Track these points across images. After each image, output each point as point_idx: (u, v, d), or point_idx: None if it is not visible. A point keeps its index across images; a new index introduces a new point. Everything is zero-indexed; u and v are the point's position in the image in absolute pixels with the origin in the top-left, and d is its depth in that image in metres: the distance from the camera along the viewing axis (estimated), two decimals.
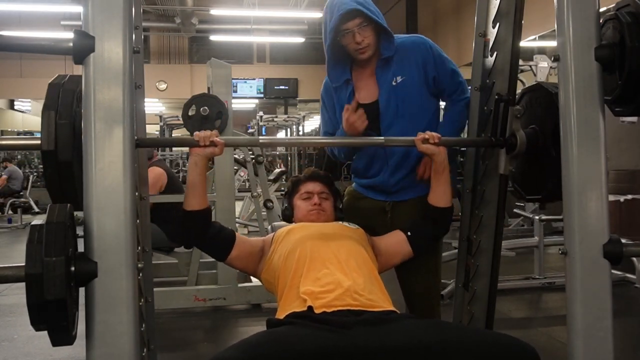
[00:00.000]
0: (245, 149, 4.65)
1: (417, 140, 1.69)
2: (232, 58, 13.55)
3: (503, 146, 1.77)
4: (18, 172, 9.81)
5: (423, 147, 1.69)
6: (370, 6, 1.80)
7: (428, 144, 1.68)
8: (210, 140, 1.57)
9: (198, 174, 1.60)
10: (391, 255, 1.79)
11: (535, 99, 1.76)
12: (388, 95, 1.85)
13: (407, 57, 1.85)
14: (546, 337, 3.12)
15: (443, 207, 1.79)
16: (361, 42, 1.80)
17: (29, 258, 1.10)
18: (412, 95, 1.85)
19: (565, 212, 1.39)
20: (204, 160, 1.60)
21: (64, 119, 1.28)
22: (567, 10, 1.37)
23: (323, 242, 1.64)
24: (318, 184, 1.90)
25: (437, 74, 1.87)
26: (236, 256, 1.71)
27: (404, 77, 1.84)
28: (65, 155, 1.27)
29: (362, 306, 1.44)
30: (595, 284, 1.35)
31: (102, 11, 1.23)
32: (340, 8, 1.77)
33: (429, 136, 1.69)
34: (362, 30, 1.79)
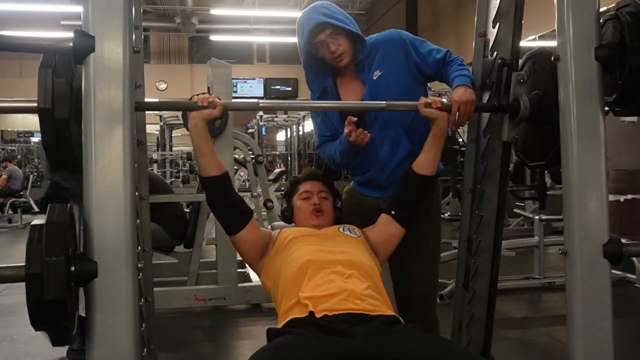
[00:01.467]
0: (245, 148, 4.65)
1: (420, 104, 1.70)
2: (232, 58, 13.54)
3: (506, 111, 1.74)
4: (18, 172, 9.82)
5: (426, 111, 1.70)
6: (337, 15, 1.83)
7: (431, 108, 1.70)
8: (208, 102, 1.56)
9: (199, 136, 1.60)
10: (386, 242, 1.78)
11: (538, 64, 1.73)
12: (370, 90, 1.88)
13: (383, 51, 1.88)
14: (546, 337, 3.13)
15: (428, 176, 1.78)
16: (336, 51, 1.84)
17: (29, 258, 1.10)
18: (394, 85, 1.86)
19: (565, 212, 1.39)
20: (203, 122, 1.59)
21: (60, 76, 1.27)
22: (567, 10, 1.37)
23: (325, 253, 1.62)
24: (317, 184, 1.89)
25: (417, 58, 1.87)
26: (245, 237, 1.70)
27: (382, 70, 1.87)
28: (62, 113, 1.27)
29: (364, 310, 1.43)
30: (595, 284, 1.36)
31: (102, 11, 1.23)
32: (308, 23, 1.82)
33: (432, 101, 1.71)
34: (334, 40, 1.83)
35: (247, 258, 1.76)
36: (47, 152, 1.34)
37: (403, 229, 1.79)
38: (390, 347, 1.30)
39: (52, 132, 1.28)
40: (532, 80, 1.73)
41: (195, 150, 1.64)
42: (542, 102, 1.66)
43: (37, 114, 1.28)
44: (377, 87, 1.87)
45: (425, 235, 1.96)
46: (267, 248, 1.73)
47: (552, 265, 4.35)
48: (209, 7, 12.41)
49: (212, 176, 1.64)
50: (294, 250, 1.66)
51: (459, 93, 1.73)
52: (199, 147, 1.62)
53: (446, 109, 1.71)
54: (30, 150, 15.49)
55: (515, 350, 2.94)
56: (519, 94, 1.69)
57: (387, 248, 1.79)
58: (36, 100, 1.27)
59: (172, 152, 11.91)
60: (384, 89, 1.86)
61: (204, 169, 1.64)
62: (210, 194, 1.69)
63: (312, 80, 1.96)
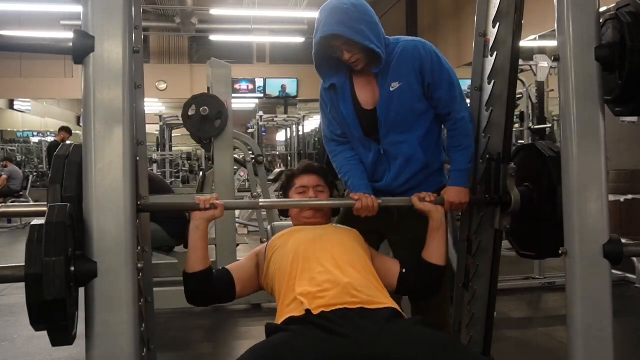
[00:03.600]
0: (245, 148, 4.65)
1: (414, 199, 1.75)
2: (232, 58, 13.53)
3: (498, 204, 1.80)
4: (18, 172, 9.81)
5: (420, 205, 1.74)
6: (355, 24, 1.72)
7: (425, 202, 1.74)
8: (210, 203, 1.62)
9: (200, 237, 1.65)
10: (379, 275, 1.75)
11: (528, 157, 1.79)
12: (385, 102, 1.82)
13: (405, 62, 1.79)
14: (546, 337, 3.12)
15: (434, 264, 1.75)
16: (350, 59, 1.78)
17: (28, 258, 1.10)
18: (409, 100, 1.81)
19: (565, 212, 1.40)
20: (205, 223, 1.65)
21: (69, 192, 1.32)
22: (567, 10, 1.37)
23: (316, 241, 1.65)
24: (313, 177, 1.90)
25: (432, 82, 1.79)
26: (241, 290, 1.72)
27: (401, 83, 1.79)
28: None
29: (361, 303, 1.43)
30: (595, 284, 1.36)
31: (102, 11, 1.23)
32: (323, 29, 1.74)
33: (425, 195, 1.75)
34: (348, 48, 1.76)
35: (255, 291, 1.77)
36: None
37: (395, 288, 1.74)
38: (389, 345, 1.30)
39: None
40: (523, 171, 1.78)
41: (190, 247, 1.66)
42: (533, 196, 1.73)
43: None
44: (391, 100, 1.81)
45: None
46: (258, 266, 1.76)
47: (552, 265, 4.34)
48: (209, 7, 12.39)
49: (198, 271, 1.64)
50: (285, 243, 1.68)
51: (452, 194, 1.79)
52: (195, 246, 1.65)
53: (440, 203, 1.77)
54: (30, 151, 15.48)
55: (515, 350, 2.94)
56: (510, 187, 1.75)
57: None
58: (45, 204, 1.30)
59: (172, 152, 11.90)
60: (398, 103, 1.80)
61: (192, 265, 1.65)
62: (193, 288, 1.66)
63: (321, 72, 1.89)
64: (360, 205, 1.75)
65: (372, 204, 1.75)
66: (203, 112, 3.32)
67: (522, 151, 1.85)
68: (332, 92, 1.90)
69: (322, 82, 1.93)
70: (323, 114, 2.00)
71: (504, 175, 1.76)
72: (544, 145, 1.73)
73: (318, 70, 1.89)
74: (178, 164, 11.89)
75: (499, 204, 1.79)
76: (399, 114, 1.82)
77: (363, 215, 1.77)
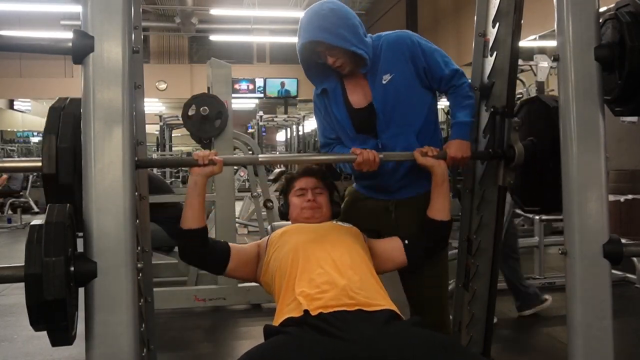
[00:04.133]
0: (245, 148, 4.65)
1: (416, 153, 1.74)
2: (232, 58, 13.53)
3: (501, 158, 1.78)
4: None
5: (422, 160, 1.73)
6: (338, 28, 1.73)
7: (427, 156, 1.73)
8: (209, 159, 1.60)
9: (198, 194, 1.64)
10: (384, 260, 1.77)
11: (533, 111, 1.77)
12: (380, 95, 1.83)
13: (393, 54, 1.82)
14: (546, 337, 3.12)
15: (440, 220, 1.77)
16: (334, 63, 1.80)
17: (28, 258, 1.10)
18: (404, 90, 1.82)
19: (565, 212, 1.39)
20: (204, 179, 1.64)
21: (64, 142, 1.30)
22: (567, 10, 1.37)
23: (316, 242, 1.64)
24: (312, 179, 1.90)
25: (426, 65, 1.82)
26: (234, 268, 1.72)
27: (392, 74, 1.81)
28: (66, 179, 1.29)
29: (359, 305, 1.43)
30: (595, 284, 1.35)
31: (101, 11, 1.23)
32: (303, 36, 1.76)
33: (427, 149, 1.73)
34: (331, 52, 1.78)
35: (248, 278, 1.78)
36: None
37: (406, 261, 1.78)
38: (387, 348, 1.30)
39: (56, 195, 1.30)
40: (527, 126, 1.76)
41: (186, 203, 1.65)
42: (537, 149, 1.71)
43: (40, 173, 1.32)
44: (386, 92, 1.82)
45: None
46: (259, 256, 1.75)
47: (552, 265, 4.34)
48: (209, 7, 12.39)
49: (193, 229, 1.65)
50: (286, 242, 1.68)
51: (454, 148, 1.77)
52: (191, 202, 1.64)
53: (442, 157, 1.75)
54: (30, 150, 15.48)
55: (515, 350, 2.94)
56: (514, 141, 1.73)
57: (381, 266, 1.77)
58: (41, 160, 1.30)
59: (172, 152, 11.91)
60: (393, 95, 1.82)
61: (187, 221, 1.65)
62: (186, 244, 1.68)
63: (312, 78, 1.93)
64: (362, 159, 1.72)
65: (372, 158, 1.72)
66: (203, 112, 3.32)
67: (526, 105, 1.82)
68: (324, 97, 1.92)
69: (314, 89, 1.96)
70: (317, 120, 2.02)
71: (508, 129, 1.74)
72: (547, 97, 1.72)
73: (308, 76, 1.92)
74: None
75: (502, 157, 1.77)
76: (396, 104, 1.82)
77: (365, 169, 1.73)
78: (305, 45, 1.78)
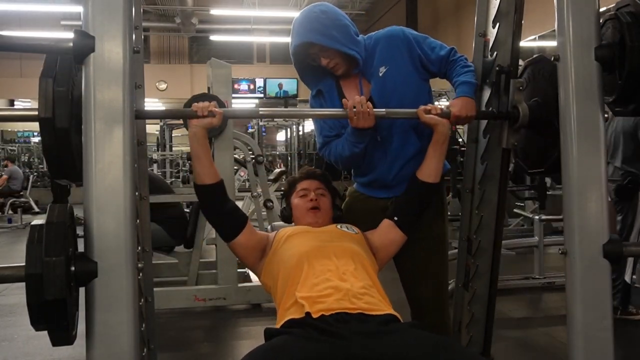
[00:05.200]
0: (245, 148, 4.65)
1: (420, 111, 1.70)
2: (232, 58, 13.53)
3: (505, 118, 1.75)
4: (18, 172, 9.80)
5: (426, 117, 1.70)
6: (329, 30, 1.75)
7: (431, 114, 1.70)
8: (208, 110, 1.58)
9: (199, 144, 1.62)
10: (386, 246, 1.77)
11: (537, 71, 1.73)
12: (378, 87, 1.84)
13: (388, 48, 1.84)
14: (546, 337, 3.13)
15: (432, 183, 1.77)
16: (328, 64, 1.81)
17: (29, 258, 1.10)
18: (400, 81, 1.83)
19: (565, 212, 1.39)
20: (203, 130, 1.61)
21: (61, 86, 1.27)
22: (567, 10, 1.37)
23: (321, 249, 1.63)
24: (315, 182, 1.90)
25: (421, 53, 1.84)
26: (242, 243, 1.70)
27: (388, 66, 1.83)
28: (62, 123, 1.26)
29: (361, 309, 1.42)
30: (596, 284, 1.36)
31: (102, 11, 1.23)
32: (295, 39, 1.78)
33: (431, 107, 1.71)
34: (324, 54, 1.80)
35: (246, 261, 1.76)
36: (47, 161, 1.35)
37: (404, 235, 1.77)
38: (386, 348, 1.30)
39: (53, 141, 1.28)
40: (532, 87, 1.73)
41: (193, 157, 1.64)
42: (542, 109, 1.67)
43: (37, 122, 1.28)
44: (384, 84, 1.84)
45: (432, 237, 1.92)
46: (264, 250, 1.74)
47: (552, 265, 4.34)
48: (209, 7, 12.40)
49: (208, 184, 1.64)
50: (291, 247, 1.67)
51: (458, 106, 1.74)
52: (197, 155, 1.63)
53: (446, 115, 1.71)
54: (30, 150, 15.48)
55: (515, 350, 2.94)
56: (518, 101, 1.70)
57: (387, 253, 1.78)
58: (37, 108, 1.27)
59: (172, 152, 11.91)
60: (391, 85, 1.83)
61: (200, 177, 1.64)
62: (205, 202, 1.68)
63: (307, 82, 1.94)
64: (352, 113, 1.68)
65: (366, 110, 1.68)
66: None
67: (531, 66, 1.79)
68: (320, 98, 1.93)
69: (310, 92, 1.96)
70: (315, 122, 2.02)
71: (512, 90, 1.72)
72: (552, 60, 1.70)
73: (303, 79, 1.93)
74: (178, 163, 11.90)
75: (506, 118, 1.75)
76: (393, 93, 1.82)
77: (360, 125, 1.70)
78: (298, 47, 1.80)
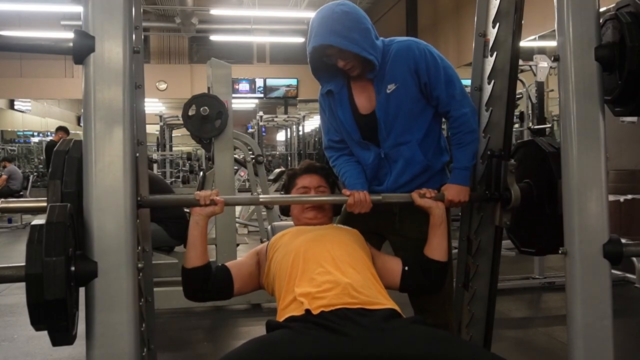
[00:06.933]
0: (245, 148, 4.65)
1: (414, 195, 1.75)
2: (232, 58, 13.53)
3: (498, 200, 1.80)
4: (17, 173, 9.81)
5: (420, 201, 1.74)
6: (348, 32, 1.71)
7: (425, 198, 1.74)
8: (210, 199, 1.62)
9: (199, 234, 1.65)
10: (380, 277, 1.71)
11: (529, 153, 1.79)
12: (383, 105, 1.81)
13: (399, 63, 1.78)
14: (546, 337, 3.13)
15: (437, 260, 1.75)
16: (344, 66, 1.78)
17: (29, 258, 1.10)
18: (407, 102, 1.80)
19: (565, 212, 1.40)
20: (205, 219, 1.65)
21: (69, 187, 1.31)
22: (567, 10, 1.37)
23: (316, 241, 1.64)
24: (315, 177, 1.89)
25: (428, 80, 1.77)
26: (240, 287, 1.71)
27: (397, 85, 1.78)
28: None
29: (361, 304, 1.43)
30: (595, 284, 1.36)
31: (102, 11, 1.23)
32: (315, 39, 1.74)
33: (425, 191, 1.75)
34: (342, 56, 1.76)
35: (254, 289, 1.77)
36: None
37: (399, 288, 1.75)
38: (388, 343, 1.30)
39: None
40: (523, 167, 1.78)
41: (189, 243, 1.66)
42: (533, 192, 1.73)
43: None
44: (388, 103, 1.80)
45: None
46: (259, 265, 1.75)
47: (552, 265, 4.35)
48: (209, 7, 12.40)
49: (197, 267, 1.64)
50: (285, 244, 1.68)
51: (452, 193, 1.78)
52: (194, 242, 1.64)
53: (440, 198, 1.76)
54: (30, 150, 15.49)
55: (515, 350, 2.94)
56: (510, 183, 1.75)
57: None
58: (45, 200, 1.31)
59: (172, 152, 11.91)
60: (395, 105, 1.80)
61: (191, 261, 1.65)
62: (191, 283, 1.67)
63: (319, 78, 1.90)
64: (353, 200, 1.74)
65: (364, 198, 1.74)
66: (203, 112, 3.32)
67: (522, 148, 1.85)
68: (329, 98, 1.90)
69: (320, 88, 1.94)
70: (322, 121, 2.01)
71: (504, 171, 1.76)
72: (543, 141, 1.73)
73: (315, 75, 1.90)
74: (178, 164, 11.90)
75: (499, 200, 1.79)
76: (397, 115, 1.81)
77: (356, 211, 1.75)
78: (317, 48, 1.76)
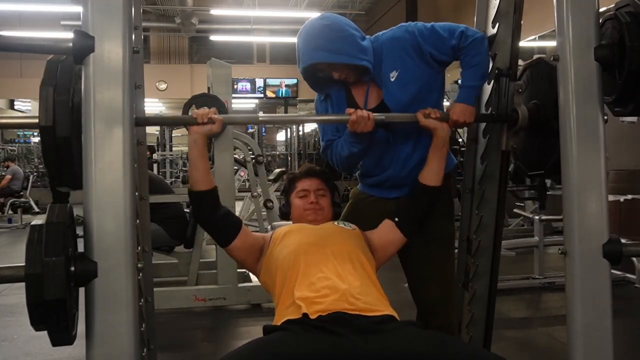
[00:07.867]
0: (245, 148, 4.65)
1: (419, 115, 1.71)
2: (232, 58, 13.53)
3: (504, 121, 1.76)
4: (20, 173, 9.80)
5: (425, 121, 1.70)
6: (332, 44, 1.71)
7: (430, 118, 1.70)
8: (208, 117, 1.58)
9: (199, 153, 1.62)
10: (385, 247, 1.76)
11: (536, 73, 1.73)
12: (391, 92, 1.82)
13: (395, 51, 1.79)
14: (546, 337, 3.13)
15: (433, 186, 1.76)
16: (339, 76, 1.79)
17: (29, 258, 1.10)
18: (412, 84, 1.80)
19: (565, 212, 1.39)
20: (203, 138, 1.62)
21: (62, 95, 1.28)
22: (567, 10, 1.37)
23: (318, 246, 1.63)
24: (314, 181, 1.89)
25: (432, 48, 1.77)
26: (238, 246, 1.70)
27: (398, 70, 1.80)
28: (63, 131, 1.27)
29: (359, 310, 1.42)
30: (595, 284, 1.36)
31: (101, 11, 1.23)
32: (303, 60, 1.75)
33: (430, 111, 1.70)
34: (334, 68, 1.77)
35: (245, 264, 1.77)
36: (48, 169, 1.36)
37: (404, 237, 1.76)
38: (384, 344, 1.31)
39: (54, 149, 1.29)
40: (531, 89, 1.73)
41: (190, 164, 1.65)
42: (540, 112, 1.67)
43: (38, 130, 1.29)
44: (396, 89, 1.81)
45: (442, 238, 1.91)
46: (262, 250, 1.74)
47: (552, 265, 4.35)
48: (209, 7, 12.40)
49: (203, 190, 1.64)
50: (288, 244, 1.67)
51: (457, 112, 1.74)
52: (194, 162, 1.63)
53: (445, 119, 1.72)
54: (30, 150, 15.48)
55: (515, 350, 2.94)
56: (517, 104, 1.71)
57: (385, 253, 1.77)
58: (37, 116, 1.28)
59: (172, 152, 11.92)
60: (403, 90, 1.80)
61: (196, 183, 1.64)
62: (199, 209, 1.68)
63: (317, 90, 1.91)
64: (355, 117, 1.68)
65: (366, 115, 1.68)
66: None
67: (530, 68, 1.79)
68: (327, 102, 1.91)
69: (317, 95, 1.94)
70: (320, 125, 2.02)
71: (511, 92, 1.72)
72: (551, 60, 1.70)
73: (314, 89, 1.91)
74: (178, 163, 11.90)
75: (505, 120, 1.75)
76: (407, 99, 1.80)
77: (359, 130, 1.69)
78: (307, 68, 1.77)
